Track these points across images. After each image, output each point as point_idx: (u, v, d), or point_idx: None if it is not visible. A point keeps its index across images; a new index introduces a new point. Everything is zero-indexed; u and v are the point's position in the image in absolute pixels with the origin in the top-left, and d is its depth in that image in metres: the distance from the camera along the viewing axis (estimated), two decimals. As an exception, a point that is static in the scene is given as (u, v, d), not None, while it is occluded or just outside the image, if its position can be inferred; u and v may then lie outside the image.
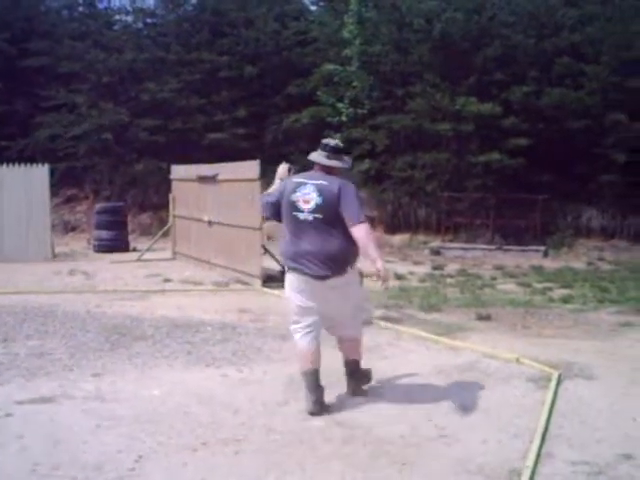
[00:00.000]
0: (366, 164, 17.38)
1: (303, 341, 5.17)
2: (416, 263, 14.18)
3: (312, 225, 5.03)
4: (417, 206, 17.79)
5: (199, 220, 13.19)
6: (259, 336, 7.47)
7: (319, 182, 5.08)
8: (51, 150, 19.77)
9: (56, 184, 19.56)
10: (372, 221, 15.50)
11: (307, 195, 5.05)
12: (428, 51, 17.46)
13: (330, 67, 18.27)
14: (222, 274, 11.96)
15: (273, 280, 10.83)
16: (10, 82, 20.84)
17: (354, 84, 18.08)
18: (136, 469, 4.04)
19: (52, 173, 15.33)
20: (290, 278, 5.21)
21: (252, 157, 12.03)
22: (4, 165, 14.63)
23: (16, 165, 14.68)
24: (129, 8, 22.32)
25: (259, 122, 19.84)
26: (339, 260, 5.04)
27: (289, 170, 5.63)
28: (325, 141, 5.35)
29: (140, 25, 22.94)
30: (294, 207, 5.08)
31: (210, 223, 12.65)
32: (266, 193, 5.60)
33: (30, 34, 21.51)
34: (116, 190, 20.45)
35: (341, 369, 5.50)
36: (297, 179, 5.23)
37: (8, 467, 4.08)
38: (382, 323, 8.13)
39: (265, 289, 10.60)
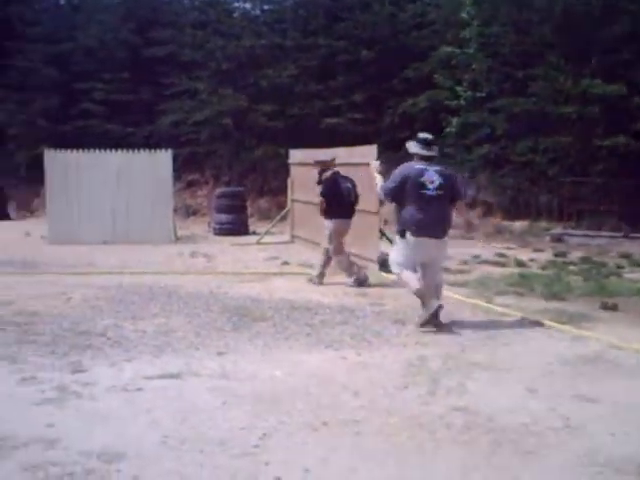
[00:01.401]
0: (484, 148, 17.06)
1: (408, 271, 7.08)
2: (537, 250, 13.80)
3: (435, 199, 6.89)
4: (538, 192, 17.29)
5: (316, 204, 13.28)
6: (377, 320, 7.47)
7: (436, 168, 7.02)
8: (174, 136, 20.43)
9: (178, 169, 20.25)
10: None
11: (432, 176, 6.92)
12: (550, 31, 16.89)
13: (448, 49, 17.99)
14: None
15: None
16: (135, 71, 21.68)
17: (472, 67, 17.73)
18: (260, 446, 4.13)
19: (175, 158, 15.82)
20: (415, 242, 6.94)
21: (368, 142, 12.01)
22: (130, 150, 15.22)
23: (141, 150, 15.24)
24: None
25: (376, 106, 19.80)
26: (449, 224, 7.19)
27: (380, 165, 7.93)
28: (422, 136, 7.24)
29: (258, 12, 23.29)
30: (422, 186, 6.87)
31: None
32: (381, 183, 7.43)
33: (154, 24, 22.26)
34: (236, 175, 20.94)
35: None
36: (418, 166, 7.00)
37: (140, 438, 4.26)
38: (502, 310, 7.97)
39: (383, 273, 10.58)
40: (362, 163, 11.22)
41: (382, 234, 11.86)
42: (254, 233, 16.18)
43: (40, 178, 16.12)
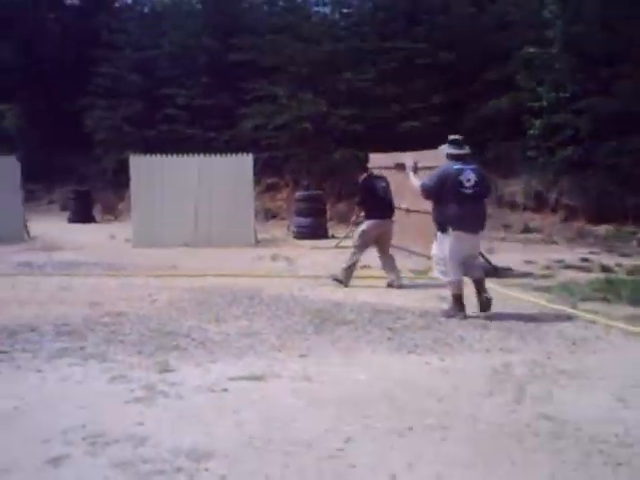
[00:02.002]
0: (568, 150, 16.66)
1: (456, 276, 7.68)
2: (623, 255, 13.39)
3: (473, 197, 7.46)
4: (624, 194, 16.77)
5: (397, 208, 13.23)
6: (460, 325, 7.39)
7: (472, 167, 7.57)
8: (254, 140, 20.69)
9: (258, 173, 20.45)
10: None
11: (469, 175, 7.47)
12: (637, 28, 16.36)
13: (530, 50, 17.64)
14: (420, 262, 11.96)
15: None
16: (216, 77, 22.06)
17: (556, 67, 17.35)
18: (344, 449, 4.14)
19: (255, 162, 16.01)
20: (456, 236, 7.50)
21: (447, 145, 11.88)
22: (211, 154, 15.49)
23: (223, 154, 15.49)
24: (327, 0, 22.78)
25: (455, 109, 19.60)
26: (485, 219, 7.82)
27: (416, 164, 8.41)
28: (453, 137, 7.80)
29: (337, 16, 23.38)
30: (460, 185, 7.41)
31: (408, 211, 12.68)
32: (422, 181, 7.91)
33: (235, 30, 22.60)
34: (314, 179, 21.05)
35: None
36: (456, 166, 7.52)
37: (226, 438, 4.32)
38: (589, 316, 7.77)
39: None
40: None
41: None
42: (333, 237, 16.24)
43: (125, 182, 16.59)
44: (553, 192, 17.77)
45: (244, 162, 15.30)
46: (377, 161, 14.73)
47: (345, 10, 23.18)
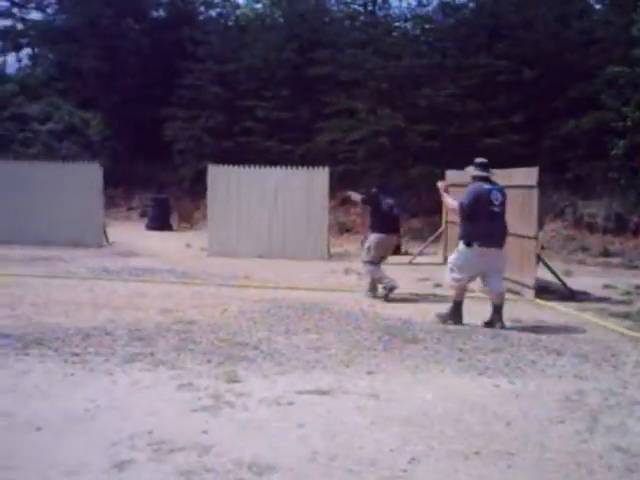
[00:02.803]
0: (653, 172, 16.18)
1: (462, 282, 8.37)
2: None
3: (499, 215, 8.20)
4: None
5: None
6: (532, 349, 7.21)
7: (496, 187, 8.28)
8: (330, 154, 20.75)
9: (333, 187, 20.48)
10: None
11: (497, 195, 8.18)
12: None
13: (616, 69, 17.20)
14: (508, 287, 11.72)
15: (547, 292, 10.45)
16: (295, 90, 22.25)
17: (642, 86, 16.88)
18: (408, 470, 4.08)
19: (330, 176, 16.04)
20: (476, 250, 8.11)
21: (527, 164, 11.67)
22: (288, 167, 15.60)
23: (299, 167, 15.58)
24: (408, 15, 22.72)
25: (536, 127, 19.26)
26: (506, 236, 8.45)
27: (447, 186, 9.21)
28: (479, 160, 8.45)
29: (418, 31, 23.31)
30: (491, 203, 8.09)
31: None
32: (460, 200, 8.27)
33: (316, 44, 22.76)
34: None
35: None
36: (486, 186, 8.20)
37: (290, 452, 4.31)
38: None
39: (539, 301, 10.24)
40: (522, 186, 10.93)
41: (540, 260, 11.47)
42: (406, 253, 16.12)
43: (201, 191, 16.85)
44: (635, 215, 17.24)
45: (320, 175, 15.36)
46: (454, 178, 14.59)
47: (427, 26, 23.09)
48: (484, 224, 8.02)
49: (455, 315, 8.36)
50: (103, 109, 29.06)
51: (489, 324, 8.22)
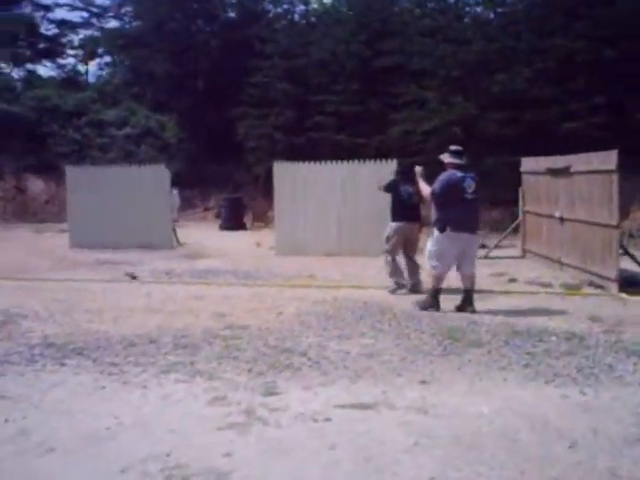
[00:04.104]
0: None
1: (442, 270, 8.52)
2: None
3: (472, 201, 8.34)
4: None
5: (550, 216, 12.27)
6: (611, 351, 6.47)
7: (471, 175, 8.43)
8: (403, 146, 20.06)
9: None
10: None
11: (469, 182, 8.33)
12: None
13: None
14: (573, 276, 10.94)
15: (633, 284, 9.60)
16: (365, 82, 21.66)
17: None
18: (450, 503, 3.52)
19: (402, 168, 15.41)
20: (454, 236, 8.27)
21: (609, 147, 10.79)
22: (355, 161, 15.04)
23: (366, 161, 15.01)
24: (479, -1, 21.82)
25: (618, 109, 18.09)
26: (479, 221, 8.78)
27: (423, 171, 9.29)
28: (454, 148, 8.64)
29: (491, 15, 22.35)
30: (463, 191, 8.26)
31: (562, 219, 11.66)
32: (432, 187, 8.54)
33: (384, 34, 22.10)
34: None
35: None
36: (459, 174, 8.35)
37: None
38: None
39: (623, 295, 9.39)
40: (602, 170, 10.11)
41: (624, 250, 10.61)
42: (484, 246, 15.30)
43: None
44: None
45: (389, 169, 14.72)
46: (529, 165, 13.79)
47: (499, 9, 22.07)
48: (457, 210, 8.23)
49: (433, 302, 8.52)
50: (176, 111, 29.16)
51: (460, 308, 8.40)
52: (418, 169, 9.41)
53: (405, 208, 9.95)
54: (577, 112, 18.01)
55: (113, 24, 37.47)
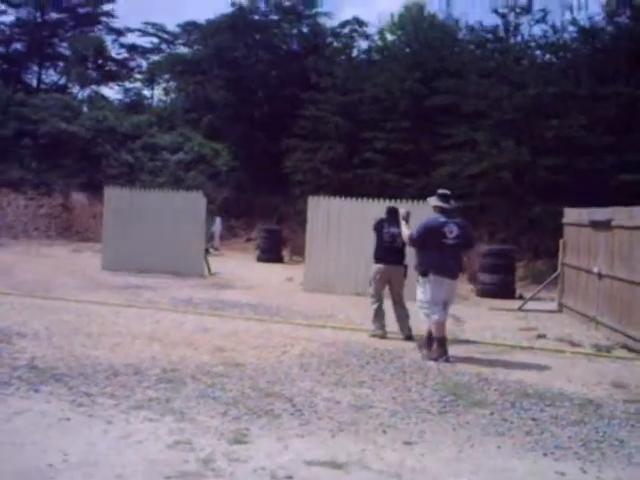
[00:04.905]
0: None
1: (440, 317, 8.12)
2: None
3: (452, 247, 8.11)
4: None
5: (588, 271, 11.60)
6: (627, 424, 5.84)
7: (455, 221, 8.24)
8: (449, 188, 19.42)
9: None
10: None
11: (451, 228, 8.10)
12: None
13: None
14: (607, 336, 10.24)
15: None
16: (416, 121, 21.29)
17: None
18: None
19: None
20: (436, 280, 8.07)
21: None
22: (392, 200, 14.55)
23: (403, 201, 14.52)
24: (541, 42, 21.22)
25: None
26: (461, 268, 8.73)
27: (407, 214, 9.15)
28: (442, 192, 8.57)
29: (551, 58, 21.77)
30: (443, 236, 8.07)
31: (600, 275, 10.99)
32: (410, 231, 8.57)
33: (440, 73, 21.71)
34: (512, 232, 19.50)
35: None
36: (441, 219, 8.19)
37: None
38: None
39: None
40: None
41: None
42: (520, 297, 14.67)
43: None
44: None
45: (426, 210, 14.22)
46: (571, 216, 13.16)
47: (561, 53, 21.45)
48: (435, 255, 8.09)
49: (440, 351, 8.05)
50: (229, 139, 29.23)
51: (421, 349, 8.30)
52: (402, 211, 9.33)
53: (387, 250, 9.61)
54: (634, 163, 17.21)
55: (181, 50, 38.08)
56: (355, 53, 28.69)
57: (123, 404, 5.70)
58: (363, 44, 28.82)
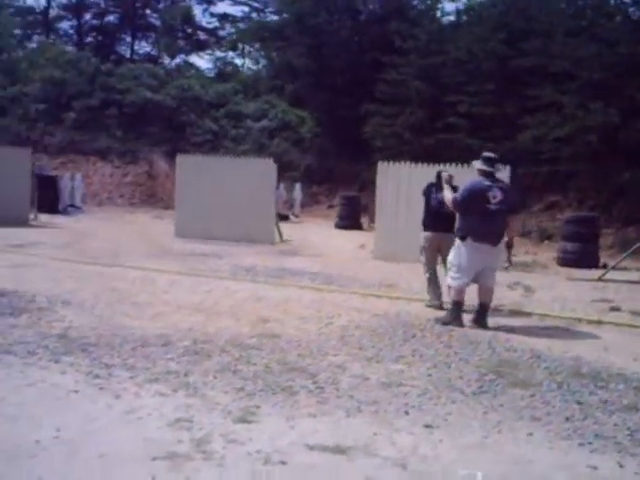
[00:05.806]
0: None
1: (462, 280, 7.92)
2: None
3: (496, 212, 7.72)
4: None
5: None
6: (687, 411, 5.22)
7: (500, 185, 7.92)
8: (534, 153, 18.65)
9: (539, 188, 18.55)
10: None
11: (496, 192, 7.72)
12: None
13: None
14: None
15: None
16: (500, 83, 20.37)
17: None
18: None
19: (534, 177, 14.28)
20: (473, 246, 7.77)
21: None
22: (465, 164, 13.90)
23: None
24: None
25: None
26: (503, 234, 8.07)
27: (450, 177, 8.80)
28: (486, 154, 8.03)
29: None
30: (487, 200, 7.70)
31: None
32: (454, 195, 8.18)
33: (526, 33, 20.64)
34: (602, 200, 18.45)
35: None
36: (485, 183, 7.80)
37: None
38: None
39: None
40: None
41: None
42: (604, 266, 13.79)
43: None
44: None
45: (500, 173, 13.51)
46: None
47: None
48: (478, 220, 7.76)
49: (454, 315, 7.96)
50: (312, 106, 28.89)
51: (476, 321, 7.94)
52: (444, 174, 8.94)
53: (435, 216, 9.06)
54: None
55: (272, 19, 37.88)
56: (439, 15, 27.68)
57: (139, 376, 5.48)
58: (449, 6, 27.81)
